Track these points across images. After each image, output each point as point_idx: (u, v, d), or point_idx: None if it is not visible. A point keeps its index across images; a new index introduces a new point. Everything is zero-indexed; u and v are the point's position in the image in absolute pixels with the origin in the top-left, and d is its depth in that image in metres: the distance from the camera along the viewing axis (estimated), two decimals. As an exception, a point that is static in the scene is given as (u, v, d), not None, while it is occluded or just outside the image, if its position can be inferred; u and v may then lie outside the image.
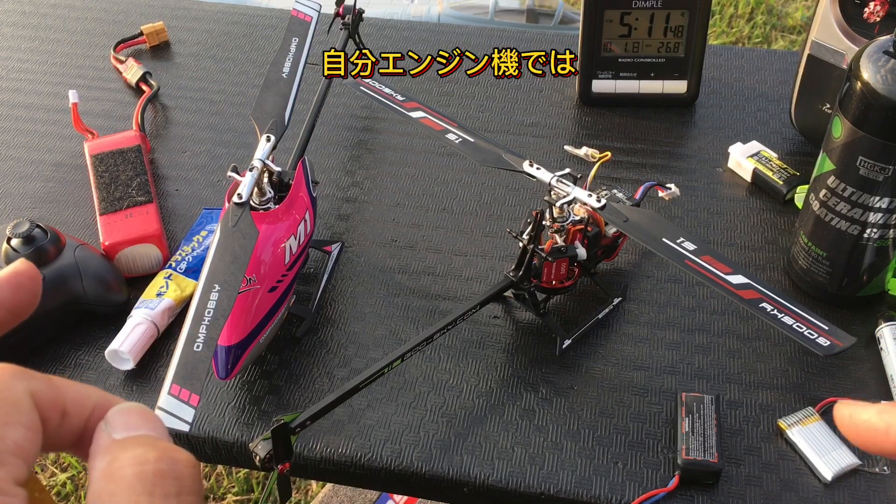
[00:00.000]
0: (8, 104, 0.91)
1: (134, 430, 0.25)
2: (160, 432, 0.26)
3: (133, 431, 0.25)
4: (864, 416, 0.29)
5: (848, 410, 0.30)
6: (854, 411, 0.30)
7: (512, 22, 1.81)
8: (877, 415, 0.29)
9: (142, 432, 0.25)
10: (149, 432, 0.25)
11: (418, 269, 0.72)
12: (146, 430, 0.25)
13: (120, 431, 0.25)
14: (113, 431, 0.25)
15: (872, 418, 0.29)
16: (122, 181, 0.75)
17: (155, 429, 0.26)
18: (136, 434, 0.25)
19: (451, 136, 0.68)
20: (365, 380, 0.57)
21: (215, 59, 0.96)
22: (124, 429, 0.25)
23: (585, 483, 0.58)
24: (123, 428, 0.25)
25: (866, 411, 0.29)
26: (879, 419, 0.29)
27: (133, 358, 0.64)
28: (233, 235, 0.58)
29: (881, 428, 0.28)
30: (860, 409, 0.30)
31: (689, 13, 0.82)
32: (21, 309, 0.28)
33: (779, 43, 2.26)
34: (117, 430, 0.25)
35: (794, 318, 0.55)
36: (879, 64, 0.58)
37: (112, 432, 0.25)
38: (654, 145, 0.84)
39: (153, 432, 0.25)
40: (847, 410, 0.30)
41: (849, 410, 0.30)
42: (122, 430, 0.25)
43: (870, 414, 0.29)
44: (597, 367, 0.65)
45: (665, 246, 0.58)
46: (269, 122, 0.67)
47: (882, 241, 0.63)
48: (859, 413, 0.29)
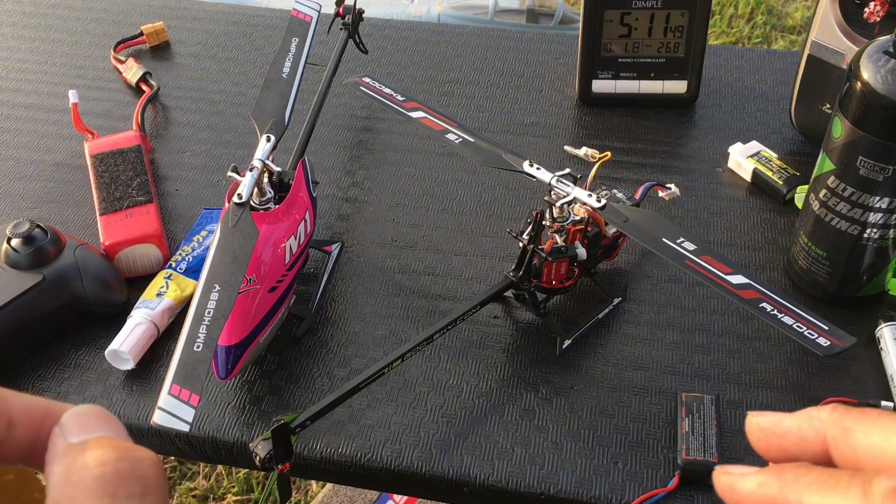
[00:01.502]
0: (8, 104, 0.91)
1: (91, 431, 0.24)
2: (118, 432, 0.25)
3: (90, 433, 0.24)
4: (745, 490, 0.27)
5: (728, 481, 0.27)
6: (735, 482, 0.27)
7: (512, 22, 1.81)
8: (757, 488, 0.26)
9: (99, 434, 0.24)
10: (107, 433, 0.24)
11: (418, 269, 0.72)
12: (103, 430, 0.24)
13: (76, 434, 0.24)
14: (68, 435, 0.24)
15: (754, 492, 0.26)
16: (122, 181, 0.75)
17: (113, 429, 0.25)
18: (93, 436, 0.24)
19: (451, 136, 0.68)
20: (365, 380, 0.57)
21: (215, 59, 0.96)
22: (81, 431, 0.24)
23: (585, 483, 0.58)
24: (80, 430, 0.24)
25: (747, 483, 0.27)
26: (760, 493, 0.26)
27: (133, 358, 0.64)
28: (233, 235, 0.58)
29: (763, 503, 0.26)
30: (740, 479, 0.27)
31: (689, 13, 0.82)
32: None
33: (779, 43, 2.26)
34: (73, 434, 0.24)
35: (794, 318, 0.55)
36: (879, 64, 0.58)
37: (68, 436, 0.24)
38: (654, 145, 0.84)
39: (111, 433, 0.24)
40: (727, 481, 0.27)
41: (729, 482, 0.27)
42: (79, 432, 0.24)
43: (751, 486, 0.26)
44: (597, 367, 0.65)
45: (665, 246, 0.58)
46: (269, 122, 0.67)
47: (882, 241, 0.63)
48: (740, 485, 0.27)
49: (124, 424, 0.64)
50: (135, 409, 0.63)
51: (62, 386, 0.64)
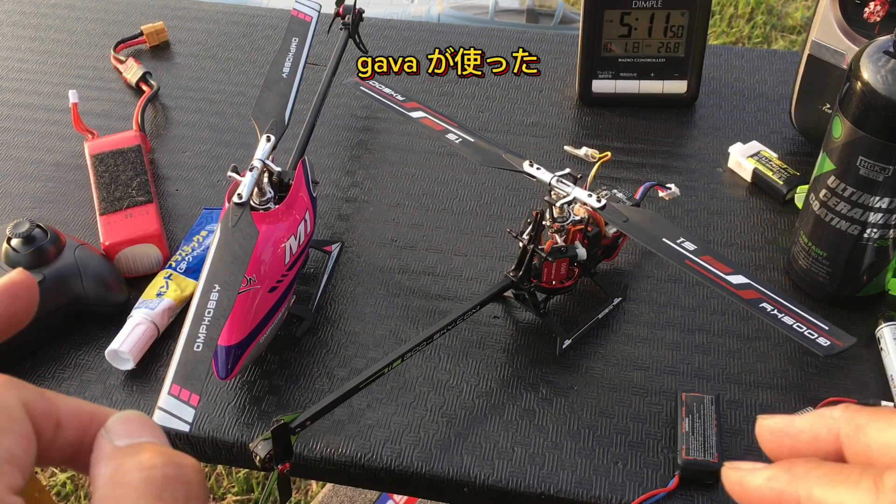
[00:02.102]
0: (8, 104, 0.91)
1: (136, 436, 0.25)
2: (161, 439, 0.25)
3: (136, 438, 0.25)
4: (753, 484, 0.27)
5: (737, 476, 0.27)
6: (743, 477, 0.27)
7: (512, 22, 1.81)
8: (766, 482, 0.26)
9: (144, 439, 0.25)
10: (150, 439, 0.25)
11: (418, 269, 0.72)
12: (147, 436, 0.25)
13: (122, 438, 0.25)
14: (115, 438, 0.25)
15: (763, 486, 0.26)
16: (122, 181, 0.75)
17: (156, 435, 0.25)
18: (138, 440, 0.25)
19: (451, 136, 0.68)
20: (365, 380, 0.57)
21: (215, 59, 0.96)
22: (127, 435, 0.25)
23: (585, 483, 0.58)
24: (126, 435, 0.25)
25: (755, 477, 0.26)
26: (769, 487, 0.26)
27: (133, 358, 0.64)
28: (233, 235, 0.58)
29: (772, 498, 0.26)
30: (749, 474, 0.27)
31: (689, 13, 0.82)
32: (16, 319, 0.28)
33: (779, 43, 2.26)
34: (119, 437, 0.25)
35: (794, 318, 0.55)
36: (879, 64, 0.58)
37: (114, 439, 0.25)
38: (654, 145, 0.84)
39: (154, 439, 0.25)
40: (736, 476, 0.27)
41: (738, 476, 0.27)
42: (125, 436, 0.25)
43: (759, 481, 0.26)
44: (597, 367, 0.65)
45: (665, 246, 0.58)
46: (269, 122, 0.67)
47: (882, 241, 0.63)
48: (748, 480, 0.27)
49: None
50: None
51: (62, 386, 0.64)
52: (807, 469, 0.25)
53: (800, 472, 0.25)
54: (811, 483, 0.25)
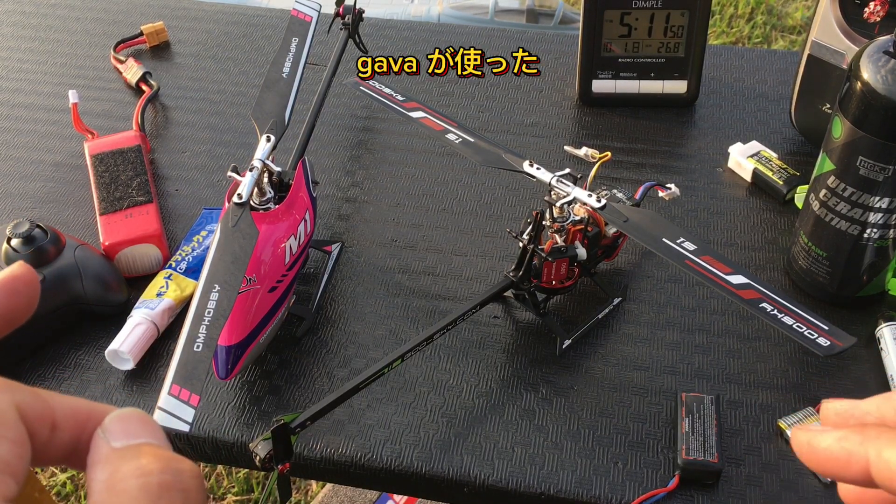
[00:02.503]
0: (8, 104, 0.91)
1: (134, 437, 0.24)
2: (160, 440, 0.25)
3: (133, 439, 0.24)
4: (823, 444, 0.27)
5: (806, 437, 0.28)
6: (812, 437, 0.28)
7: (512, 22, 1.81)
8: (836, 442, 0.27)
9: (142, 440, 0.24)
10: (149, 440, 0.24)
11: (418, 269, 0.72)
12: (146, 437, 0.24)
13: (119, 439, 0.24)
14: (112, 439, 0.24)
15: (833, 446, 0.27)
16: (122, 181, 0.75)
17: (155, 436, 0.25)
18: (136, 442, 0.24)
19: (451, 136, 0.68)
20: (365, 380, 0.57)
21: (215, 59, 0.96)
22: (124, 436, 0.24)
23: (585, 483, 0.58)
24: (123, 436, 0.24)
25: (825, 438, 0.27)
26: (839, 447, 0.26)
27: (133, 358, 0.64)
28: (233, 235, 0.58)
29: (842, 457, 0.26)
30: (818, 435, 0.27)
31: (689, 13, 0.82)
32: (17, 315, 0.27)
33: (779, 43, 2.26)
34: (116, 438, 0.24)
35: (794, 318, 0.55)
36: (879, 64, 0.58)
37: (111, 440, 0.24)
38: (654, 145, 0.84)
39: (153, 440, 0.24)
40: (805, 437, 0.28)
41: (807, 437, 0.28)
42: (122, 437, 0.24)
43: (829, 441, 0.27)
44: (597, 367, 0.65)
45: (665, 246, 0.58)
46: (269, 122, 0.67)
47: (882, 241, 0.63)
48: (818, 440, 0.27)
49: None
50: (135, 409, 0.63)
51: (62, 386, 0.64)
52: (879, 431, 0.26)
53: (872, 434, 0.26)
54: (882, 444, 0.25)
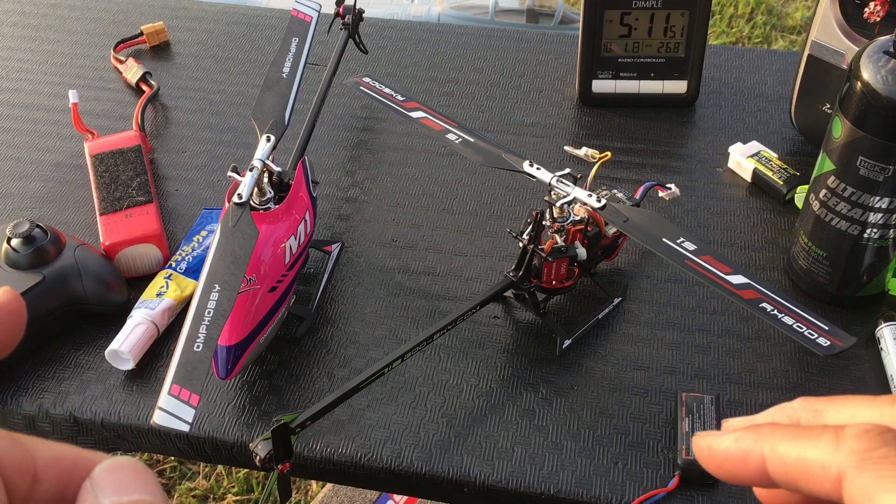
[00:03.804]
0: (8, 104, 0.91)
1: (125, 493, 0.21)
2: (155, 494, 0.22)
3: (125, 496, 0.21)
4: (721, 446, 0.27)
5: (706, 441, 0.28)
6: (711, 442, 0.28)
7: (512, 22, 1.81)
8: (733, 442, 0.27)
9: (134, 497, 0.21)
10: (143, 496, 0.22)
11: (418, 269, 0.72)
12: (140, 492, 0.22)
13: (109, 495, 0.21)
14: (101, 495, 0.21)
15: (730, 447, 0.27)
16: (122, 181, 0.75)
17: (150, 490, 0.22)
18: (128, 499, 0.21)
19: (451, 136, 0.68)
20: (365, 380, 0.57)
21: (215, 59, 0.96)
22: (114, 492, 0.21)
23: (585, 483, 0.58)
24: (113, 490, 0.21)
25: (723, 440, 0.27)
26: (736, 447, 0.27)
27: (133, 358, 0.64)
28: (233, 235, 0.58)
29: (739, 457, 0.26)
30: (717, 438, 0.27)
31: (689, 13, 0.82)
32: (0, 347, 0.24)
33: (779, 43, 2.26)
34: (106, 493, 0.21)
35: (794, 318, 0.55)
36: (879, 64, 0.58)
37: (100, 496, 0.21)
38: (654, 145, 0.84)
39: (148, 495, 0.22)
40: (704, 442, 0.28)
41: (706, 442, 0.28)
42: (112, 493, 0.21)
43: (727, 442, 0.27)
44: (597, 367, 0.65)
45: (665, 246, 0.58)
46: (269, 122, 0.67)
47: (882, 241, 0.63)
48: (716, 443, 0.27)
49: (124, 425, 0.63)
50: (135, 409, 0.63)
51: (62, 386, 0.64)
52: (772, 429, 0.26)
53: (765, 431, 0.26)
54: (775, 440, 0.26)
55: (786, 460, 0.25)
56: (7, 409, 0.63)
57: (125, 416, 0.62)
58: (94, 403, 0.63)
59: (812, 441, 0.24)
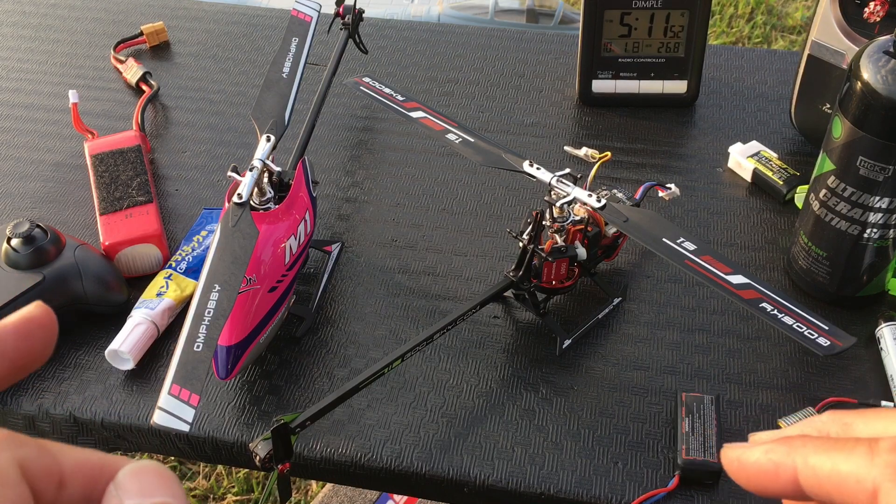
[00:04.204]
0: (8, 104, 0.91)
1: (149, 495, 0.22)
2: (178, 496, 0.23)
3: (148, 499, 0.22)
4: (751, 458, 0.27)
5: (735, 453, 0.28)
6: (742, 453, 0.28)
7: (512, 22, 1.81)
8: (764, 454, 0.27)
9: (157, 499, 0.22)
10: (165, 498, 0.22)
11: (418, 269, 0.72)
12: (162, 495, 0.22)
13: (133, 497, 0.22)
14: (125, 497, 0.22)
15: (761, 459, 0.27)
16: (122, 181, 0.75)
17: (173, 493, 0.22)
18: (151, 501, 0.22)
19: (451, 136, 0.68)
20: (365, 380, 0.57)
21: (215, 59, 0.96)
22: (138, 495, 0.22)
23: (585, 483, 0.58)
24: (137, 493, 0.22)
25: (753, 452, 0.27)
26: (767, 459, 0.27)
27: (133, 358, 0.64)
28: (233, 235, 0.58)
29: (770, 469, 0.26)
30: (747, 451, 0.27)
31: (689, 13, 0.82)
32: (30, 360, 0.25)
33: (779, 43, 2.26)
34: (130, 496, 0.22)
35: (794, 318, 0.55)
36: (879, 64, 0.58)
37: (124, 498, 0.22)
38: (654, 145, 0.84)
39: (170, 498, 0.22)
40: (734, 454, 0.28)
41: (736, 454, 0.28)
42: (136, 496, 0.22)
43: (757, 454, 0.27)
44: (597, 367, 0.65)
45: (665, 246, 0.58)
46: (269, 122, 0.67)
47: (882, 241, 0.63)
48: (747, 455, 0.27)
49: (124, 425, 0.63)
50: (135, 409, 0.63)
51: (62, 386, 0.64)
52: (803, 441, 0.26)
53: (797, 443, 0.26)
54: (808, 452, 0.25)
55: (819, 473, 0.25)
56: (7, 409, 0.63)
57: (125, 416, 0.62)
58: (94, 403, 0.63)
59: (845, 454, 0.24)
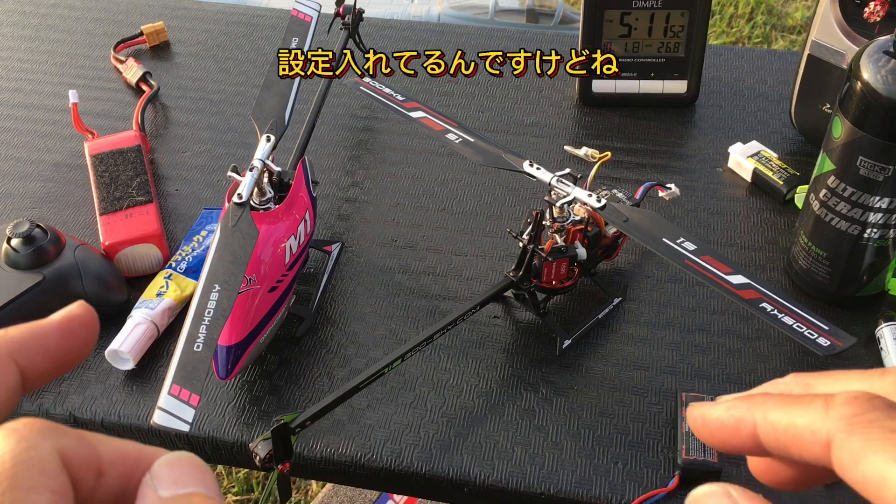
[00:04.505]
0: (8, 104, 0.91)
1: (183, 485, 0.23)
2: (210, 487, 0.23)
3: (182, 488, 0.23)
4: (714, 415, 0.28)
5: (700, 411, 0.29)
6: (705, 411, 0.28)
7: (512, 22, 1.81)
8: (726, 411, 0.28)
9: (191, 489, 0.23)
10: (198, 489, 0.23)
11: (418, 269, 0.72)
12: (196, 486, 0.23)
13: (168, 488, 0.23)
14: (160, 487, 0.23)
15: (723, 415, 0.28)
16: (122, 181, 0.75)
17: (206, 485, 0.23)
18: (185, 492, 0.23)
19: (451, 136, 0.68)
20: (365, 380, 0.57)
21: (215, 59, 0.96)
22: (173, 485, 0.23)
23: (585, 483, 0.58)
24: (172, 484, 0.23)
25: (716, 409, 0.28)
26: (729, 415, 0.27)
27: (133, 358, 0.64)
28: (233, 235, 0.58)
29: (732, 424, 0.27)
30: (710, 408, 0.28)
31: (689, 13, 0.82)
32: (70, 357, 0.26)
33: (779, 43, 2.26)
34: (164, 486, 0.23)
35: (794, 318, 0.55)
36: (879, 64, 0.58)
37: (158, 488, 0.23)
38: (654, 145, 0.84)
39: (203, 488, 0.23)
40: (699, 412, 0.29)
41: (700, 411, 0.29)
42: (171, 486, 0.23)
43: (720, 411, 0.28)
44: (597, 367, 0.65)
45: (665, 246, 0.58)
46: (269, 122, 0.67)
47: (882, 241, 0.63)
48: (710, 412, 0.28)
49: (124, 425, 0.63)
50: (135, 409, 0.63)
51: (62, 386, 0.64)
52: (764, 398, 0.27)
53: (758, 400, 0.27)
54: (767, 408, 0.26)
55: (777, 427, 0.26)
56: (7, 409, 0.63)
57: (125, 416, 0.62)
58: (94, 403, 0.63)
59: (802, 408, 0.25)
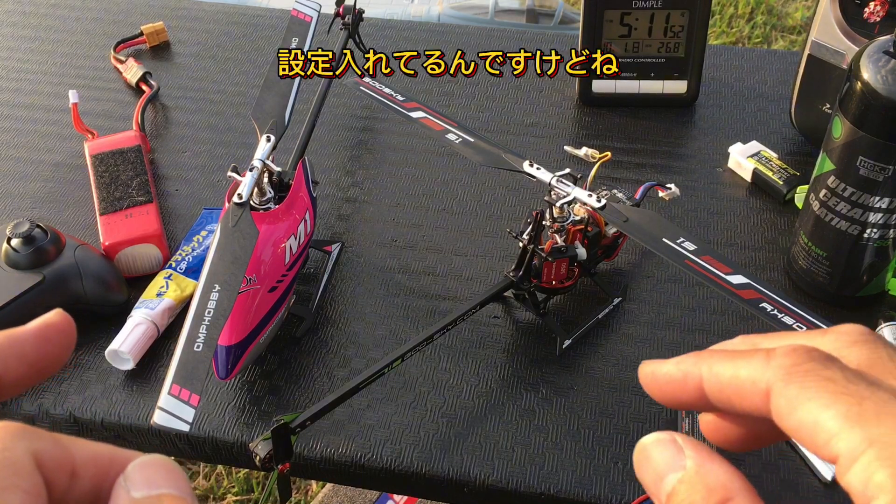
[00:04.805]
0: (8, 104, 0.90)
1: (155, 487, 0.23)
2: (182, 488, 0.24)
3: (154, 489, 0.23)
4: (663, 370, 0.29)
5: (650, 368, 0.30)
6: (656, 368, 0.30)
7: (512, 22, 1.81)
8: (674, 366, 0.29)
9: (163, 490, 0.23)
10: (170, 490, 0.23)
11: (418, 269, 0.72)
12: (168, 487, 0.23)
13: (140, 489, 0.23)
14: (132, 488, 0.23)
15: (671, 370, 0.29)
16: (122, 181, 0.75)
17: (178, 486, 0.24)
18: (157, 493, 0.23)
19: (451, 136, 0.68)
20: (365, 380, 0.57)
21: (215, 59, 0.96)
22: (145, 486, 0.23)
23: (585, 483, 0.58)
24: (144, 485, 0.23)
25: (665, 365, 0.29)
26: (677, 370, 0.29)
27: (133, 358, 0.64)
28: (233, 235, 0.58)
29: (679, 378, 0.28)
30: (661, 364, 0.29)
31: (689, 13, 0.82)
32: (48, 364, 0.26)
33: (779, 43, 2.26)
34: (137, 488, 0.23)
35: (795, 318, 0.55)
36: (879, 64, 0.58)
37: (131, 489, 0.23)
38: (654, 145, 0.84)
39: (175, 489, 0.23)
40: (649, 368, 0.30)
41: (651, 368, 0.30)
42: (143, 487, 0.23)
43: (668, 367, 0.29)
44: (597, 367, 0.65)
45: (665, 246, 0.58)
46: (269, 122, 0.67)
47: (882, 241, 0.63)
48: (659, 368, 0.29)
49: (124, 425, 0.63)
50: (135, 409, 0.63)
51: (62, 386, 0.64)
52: (711, 353, 0.28)
53: (704, 355, 0.28)
54: (713, 362, 0.27)
55: (721, 379, 0.27)
56: (7, 410, 0.63)
57: (125, 416, 0.62)
58: (94, 403, 0.63)
59: (746, 360, 0.26)
